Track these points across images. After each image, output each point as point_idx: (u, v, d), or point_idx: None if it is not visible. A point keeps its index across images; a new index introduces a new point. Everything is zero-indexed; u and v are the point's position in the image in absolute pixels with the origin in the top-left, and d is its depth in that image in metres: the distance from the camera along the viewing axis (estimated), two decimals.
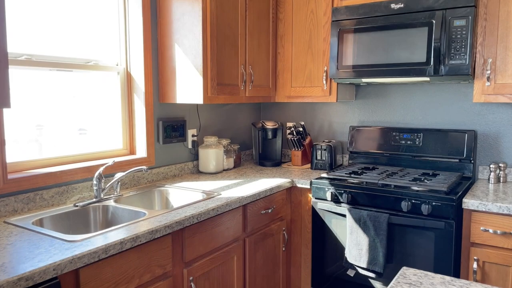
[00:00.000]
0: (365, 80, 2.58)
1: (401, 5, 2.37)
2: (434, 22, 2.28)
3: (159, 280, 1.70)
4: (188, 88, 2.40)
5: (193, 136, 2.79)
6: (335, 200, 2.43)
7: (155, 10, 2.47)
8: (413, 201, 2.19)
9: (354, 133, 2.96)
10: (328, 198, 2.43)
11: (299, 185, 2.57)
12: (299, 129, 3.06)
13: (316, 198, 2.51)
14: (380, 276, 2.26)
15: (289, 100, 2.96)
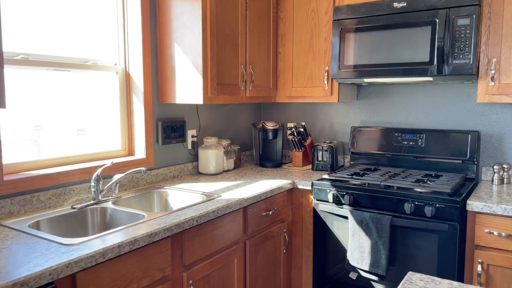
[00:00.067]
0: (367, 80, 2.55)
1: (403, 3, 2.33)
2: (437, 21, 2.24)
3: (158, 284, 1.66)
4: (188, 88, 2.36)
5: (192, 136, 2.75)
6: (337, 201, 2.39)
7: (154, 8, 2.43)
8: (416, 203, 2.15)
9: (356, 134, 2.92)
10: (330, 199, 2.40)
11: (300, 186, 2.53)
12: (300, 129, 3.02)
13: (318, 200, 2.47)
14: (382, 279, 2.23)
15: (290, 101, 2.92)
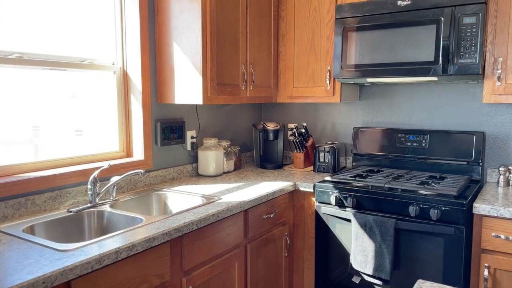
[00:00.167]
0: (370, 80, 2.50)
1: (408, 2, 2.28)
2: (442, 19, 2.19)
3: None
4: (187, 88, 2.31)
5: (192, 137, 2.70)
6: (340, 204, 2.34)
7: (152, 6, 2.38)
8: (421, 205, 2.10)
9: (358, 135, 2.87)
10: (332, 202, 2.35)
11: (302, 188, 2.48)
12: (301, 130, 2.97)
13: (320, 202, 2.42)
14: (386, 283, 2.17)
15: (291, 101, 2.87)
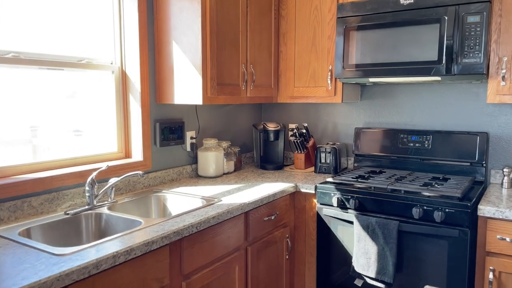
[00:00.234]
0: (372, 80, 2.46)
1: (410, 0, 2.24)
2: (446, 18, 2.16)
3: None
4: (187, 88, 2.27)
5: (191, 138, 2.66)
6: (342, 206, 2.31)
7: (151, 5, 2.34)
8: (425, 207, 2.07)
9: (360, 135, 2.84)
10: (334, 203, 2.31)
11: (303, 190, 2.44)
12: (302, 130, 2.94)
13: (321, 204, 2.38)
14: (389, 286, 2.14)
15: (292, 101, 2.83)
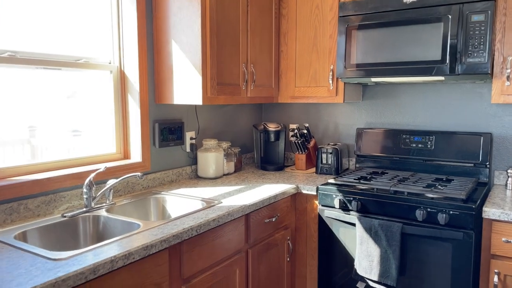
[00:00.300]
0: (374, 80, 2.43)
1: None
2: (450, 17, 2.12)
3: None
4: (186, 88, 2.23)
5: (191, 139, 2.63)
6: (344, 207, 2.27)
7: (150, 3, 2.30)
8: (429, 209, 2.03)
9: (361, 136, 2.80)
10: (336, 205, 2.28)
11: (304, 191, 2.41)
12: (303, 131, 2.90)
13: (323, 206, 2.35)
14: None
15: (293, 101, 2.80)
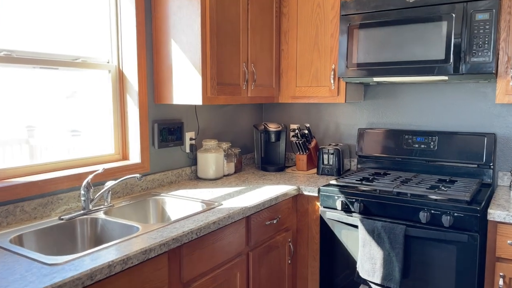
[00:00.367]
0: (377, 79, 2.39)
1: None
2: (454, 15, 2.09)
3: None
4: (186, 87, 2.20)
5: (191, 139, 2.59)
6: (346, 209, 2.24)
7: (149, 2, 2.26)
8: (433, 211, 2.00)
9: (363, 136, 2.77)
10: (338, 207, 2.24)
11: (305, 192, 2.37)
12: (304, 131, 2.87)
13: (325, 207, 2.32)
14: None
15: (293, 101, 2.76)
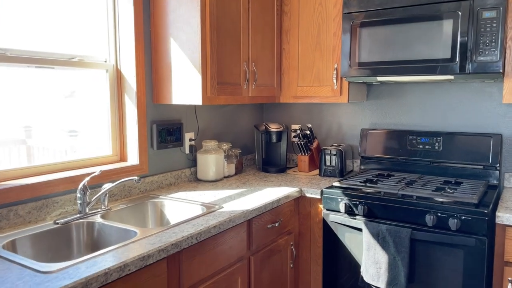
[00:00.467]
0: (380, 79, 2.34)
1: None
2: (460, 13, 2.04)
3: None
4: (185, 87, 2.14)
5: (190, 140, 2.53)
6: (349, 212, 2.18)
7: None
8: (439, 214, 1.95)
9: (366, 137, 2.71)
10: (342, 209, 2.19)
11: (308, 194, 2.32)
12: (306, 132, 2.81)
13: (328, 210, 2.26)
14: None
15: (295, 101, 2.71)
